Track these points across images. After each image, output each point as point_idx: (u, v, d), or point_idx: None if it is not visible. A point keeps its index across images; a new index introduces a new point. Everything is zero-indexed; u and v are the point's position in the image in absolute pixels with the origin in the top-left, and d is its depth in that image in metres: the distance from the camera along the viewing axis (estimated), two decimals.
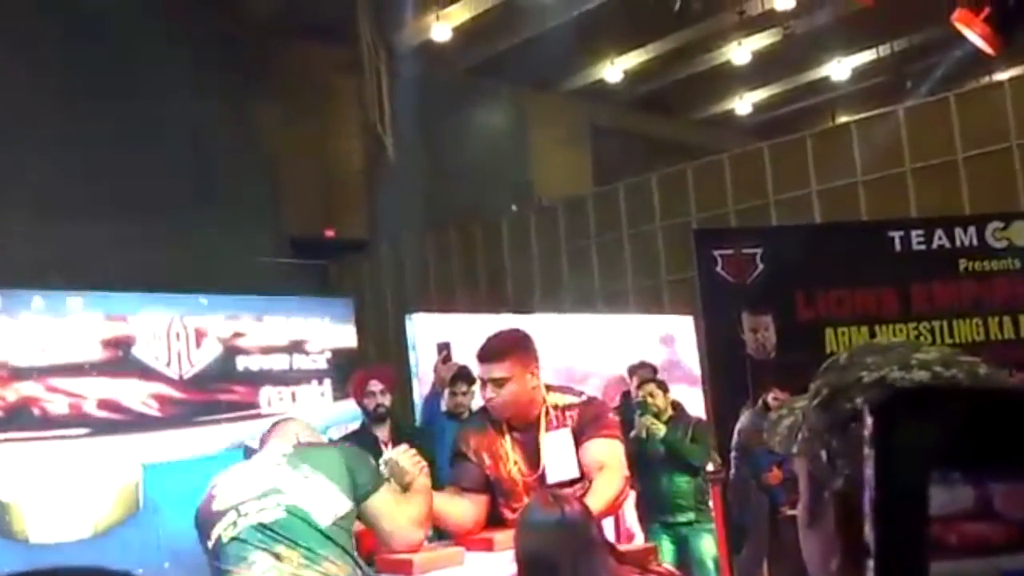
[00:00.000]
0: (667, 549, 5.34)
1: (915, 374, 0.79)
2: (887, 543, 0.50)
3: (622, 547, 2.83)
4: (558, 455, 2.98)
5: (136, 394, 5.47)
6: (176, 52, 10.86)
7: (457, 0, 12.48)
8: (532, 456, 3.03)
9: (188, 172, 11.55)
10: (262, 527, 2.62)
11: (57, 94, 10.54)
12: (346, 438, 5.01)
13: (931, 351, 0.82)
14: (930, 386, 0.74)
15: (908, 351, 0.82)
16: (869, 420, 0.51)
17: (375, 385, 4.89)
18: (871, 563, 0.50)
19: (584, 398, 3.17)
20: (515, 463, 3.04)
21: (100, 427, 5.30)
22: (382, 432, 4.80)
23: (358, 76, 11.87)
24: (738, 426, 6.22)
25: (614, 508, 3.05)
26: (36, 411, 5.12)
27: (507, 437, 3.06)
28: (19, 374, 5.10)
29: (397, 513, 2.77)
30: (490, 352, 3.04)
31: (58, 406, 5.19)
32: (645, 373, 5.97)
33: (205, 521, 2.75)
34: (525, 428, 3.06)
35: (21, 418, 5.05)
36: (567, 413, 3.05)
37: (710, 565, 5.52)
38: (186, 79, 10.91)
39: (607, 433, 3.04)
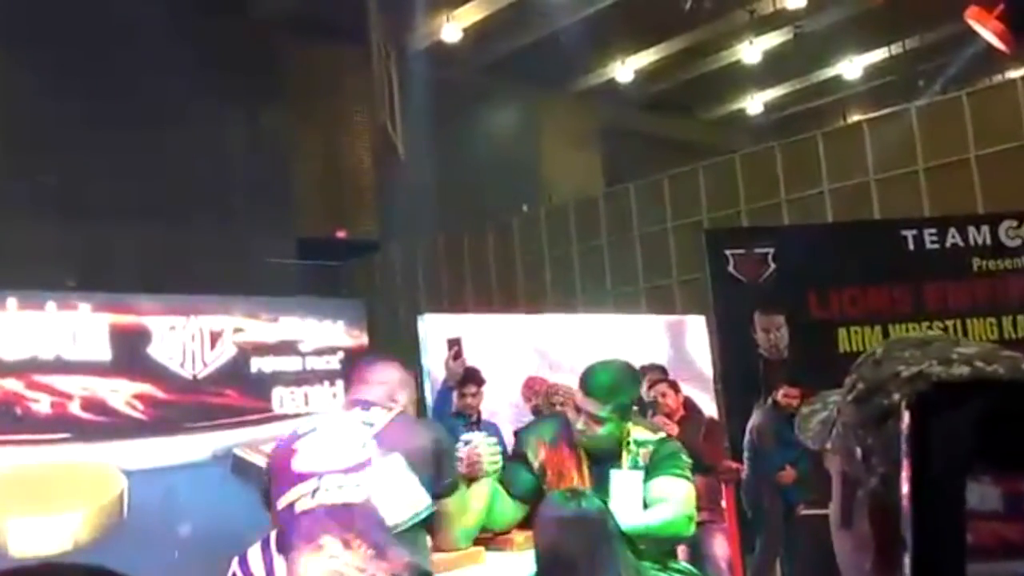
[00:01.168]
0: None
1: (956, 369, 0.76)
2: (923, 540, 0.49)
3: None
4: (627, 496, 2.90)
5: (148, 396, 5.49)
6: (187, 54, 10.90)
7: (468, 1, 12.49)
8: (599, 487, 2.94)
9: (199, 174, 11.59)
10: (340, 508, 2.43)
11: (65, 93, 10.59)
12: None
13: (972, 345, 0.79)
14: (967, 382, 0.72)
15: (948, 345, 0.79)
16: (906, 416, 0.50)
17: None
18: (907, 560, 0.49)
19: (661, 435, 3.11)
20: (576, 483, 2.95)
21: (107, 430, 5.32)
22: None
23: (369, 77, 11.89)
24: (749, 425, 6.21)
25: (663, 534, 2.92)
26: (27, 411, 5.13)
27: (584, 463, 2.99)
28: (16, 371, 5.12)
29: (459, 520, 2.60)
30: (594, 387, 2.93)
31: (62, 407, 5.20)
32: (656, 374, 5.96)
33: (281, 476, 2.53)
34: (601, 458, 2.98)
35: (8, 418, 5.07)
36: (641, 450, 2.98)
37: (723, 565, 5.50)
38: (197, 81, 10.95)
39: (677, 472, 2.97)
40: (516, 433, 5.10)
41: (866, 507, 0.76)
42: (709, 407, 6.67)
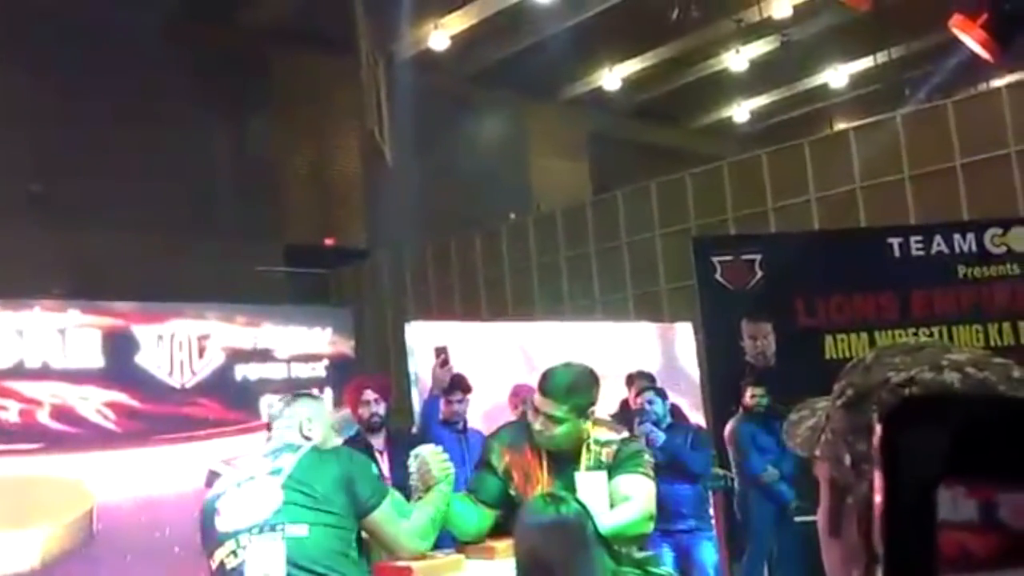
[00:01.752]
0: (668, 557, 5.34)
1: (946, 375, 0.75)
2: (895, 552, 0.49)
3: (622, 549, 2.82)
4: (592, 496, 2.92)
5: (132, 405, 5.46)
6: (175, 62, 10.89)
7: (455, 9, 12.51)
8: (566, 488, 2.97)
9: (187, 181, 11.56)
10: (264, 561, 2.59)
11: (56, 102, 10.56)
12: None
13: (963, 352, 0.78)
14: (939, 394, 0.71)
15: (939, 351, 0.78)
16: (878, 428, 0.51)
17: (369, 394, 4.85)
18: (879, 573, 0.49)
19: (624, 435, 3.17)
20: (544, 488, 3.00)
21: (100, 438, 5.29)
22: (377, 441, 4.77)
23: (357, 85, 11.89)
24: (725, 433, 6.23)
25: (627, 534, 2.96)
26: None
27: (545, 464, 3.05)
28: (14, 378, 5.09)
29: (400, 524, 2.74)
30: (552, 388, 3.00)
31: (31, 415, 5.17)
32: (643, 381, 5.97)
33: (207, 538, 2.73)
34: (564, 459, 3.04)
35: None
36: (603, 449, 3.04)
37: (711, 573, 5.51)
38: (185, 88, 10.94)
39: (640, 471, 3.03)
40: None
41: (855, 514, 0.75)
42: (696, 414, 6.69)
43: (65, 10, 10.65)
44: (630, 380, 6.14)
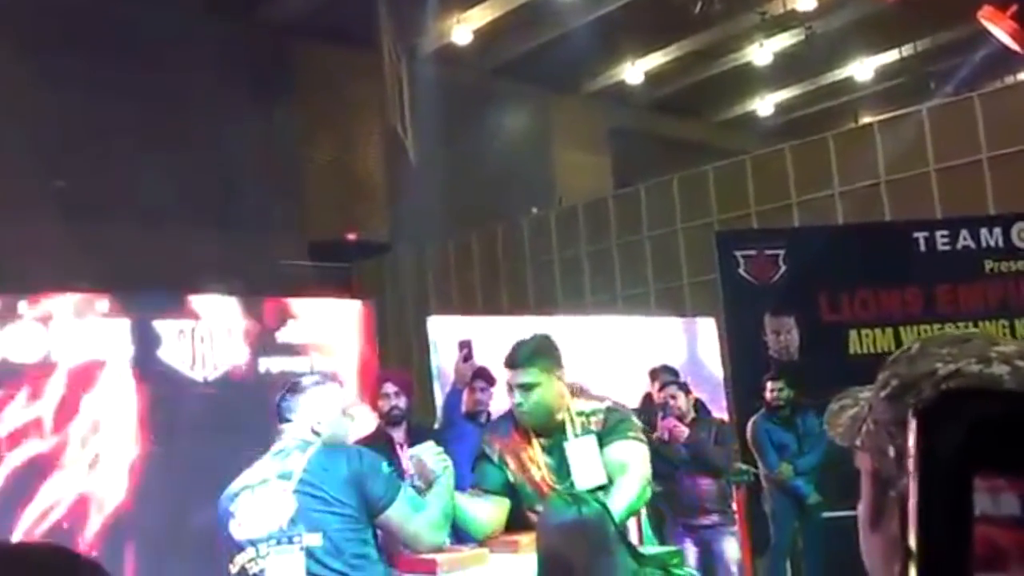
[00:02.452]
0: (691, 552, 5.32)
1: (995, 368, 0.74)
2: (930, 550, 0.48)
3: (646, 550, 2.82)
4: (585, 461, 3.00)
5: (158, 398, 5.50)
6: (198, 58, 10.94)
7: (478, 3, 12.50)
8: (558, 461, 3.06)
9: (210, 176, 11.62)
10: (284, 569, 2.60)
11: (81, 97, 10.64)
12: (362, 441, 5.01)
13: (1010, 343, 0.77)
14: (976, 389, 0.70)
15: (986, 343, 0.77)
16: (913, 424, 0.50)
17: (389, 387, 4.84)
18: (912, 571, 0.48)
19: (608, 403, 3.21)
20: (541, 468, 3.07)
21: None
22: (398, 434, 4.76)
23: (379, 80, 11.90)
24: (747, 429, 6.20)
25: (636, 508, 3.06)
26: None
27: (533, 442, 3.10)
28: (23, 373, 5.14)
29: (415, 519, 2.73)
30: (517, 358, 3.09)
31: (70, 408, 5.22)
32: (667, 376, 5.95)
33: (226, 541, 2.73)
34: (550, 434, 3.09)
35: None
36: (591, 419, 3.08)
37: (734, 569, 5.49)
38: (208, 84, 10.99)
39: (631, 436, 3.08)
40: None
41: (898, 508, 0.73)
42: (719, 409, 6.66)
43: (88, 6, 10.73)
44: (654, 375, 6.13)
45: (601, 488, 2.94)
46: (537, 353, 3.10)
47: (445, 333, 5.98)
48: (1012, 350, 0.76)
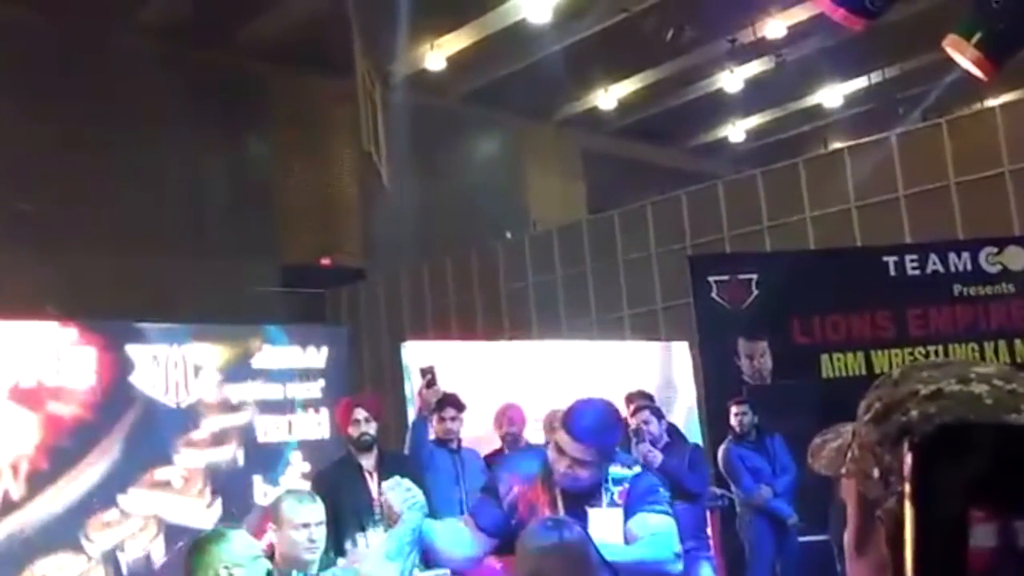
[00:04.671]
0: None
1: (974, 387, 0.76)
2: (929, 562, 0.49)
3: None
4: (605, 535, 2.79)
5: (129, 424, 5.44)
6: (173, 84, 10.93)
7: (452, 30, 12.57)
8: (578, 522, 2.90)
9: (185, 202, 11.57)
10: None
11: (56, 125, 10.57)
12: (331, 467, 4.94)
13: (990, 366, 0.79)
14: (971, 422, 0.71)
15: (966, 366, 0.80)
16: (909, 456, 0.50)
17: (360, 413, 4.77)
18: None
19: (636, 469, 3.03)
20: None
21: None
22: (367, 461, 4.70)
23: (354, 105, 11.92)
24: (719, 456, 6.21)
25: (655, 571, 2.86)
26: None
27: (558, 501, 2.90)
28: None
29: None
30: (581, 432, 2.83)
31: (43, 435, 5.15)
32: (640, 400, 5.95)
33: None
34: (578, 495, 2.89)
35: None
36: (616, 488, 2.90)
37: None
38: (183, 110, 10.97)
39: (658, 509, 2.90)
40: (488, 463, 5.07)
41: (884, 528, 0.75)
42: (693, 434, 6.67)
43: (58, 33, 10.69)
44: (629, 399, 6.13)
45: None
46: (603, 432, 2.86)
47: (419, 358, 5.96)
48: (990, 371, 0.78)
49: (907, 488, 0.51)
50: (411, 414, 5.78)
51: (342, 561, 3.71)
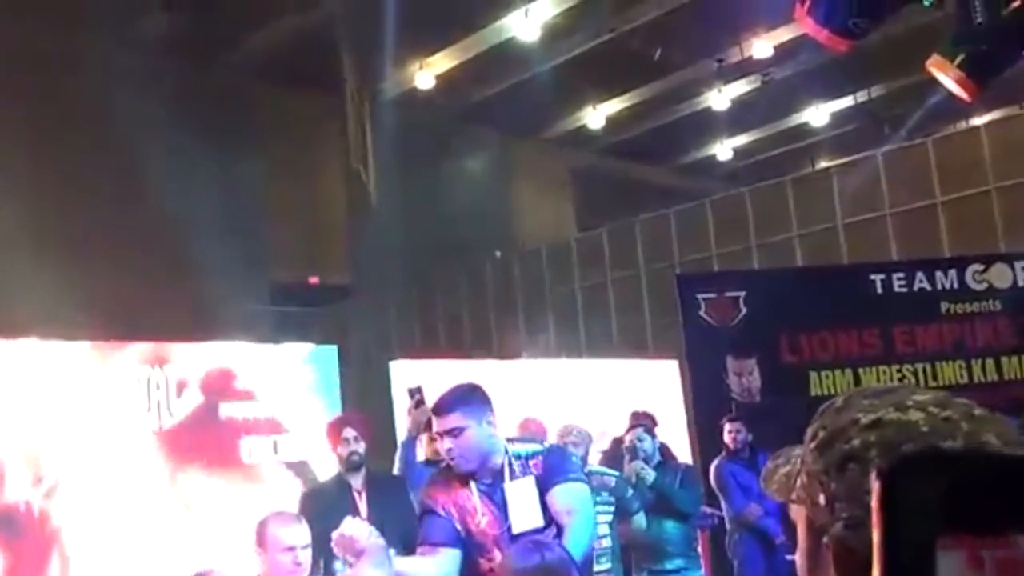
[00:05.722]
0: None
1: (911, 414, 0.79)
2: None
3: None
4: (522, 504, 2.98)
5: (117, 444, 5.40)
6: (160, 101, 10.91)
7: (440, 49, 12.61)
8: (500, 507, 3.02)
9: (171, 220, 11.53)
10: None
11: (36, 140, 10.54)
12: (319, 487, 4.90)
13: (927, 393, 0.82)
14: (937, 451, 0.73)
15: (906, 393, 0.82)
16: (876, 484, 0.51)
17: (349, 432, 4.72)
18: None
19: (546, 445, 3.22)
20: (484, 515, 3.03)
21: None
22: (356, 480, 4.65)
23: (342, 124, 11.94)
24: (710, 473, 6.20)
25: (589, 553, 3.05)
26: None
27: (473, 490, 3.06)
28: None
29: None
30: (441, 405, 3.09)
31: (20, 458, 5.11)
32: (634, 419, 5.95)
33: None
34: (490, 480, 3.06)
35: None
36: (530, 462, 3.06)
37: None
38: (169, 127, 10.94)
39: (573, 477, 3.06)
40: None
41: (831, 553, 0.77)
42: (684, 452, 6.66)
43: (46, 54, 10.68)
44: (634, 418, 6.12)
45: (541, 530, 2.92)
46: (460, 399, 3.09)
47: (406, 377, 5.94)
48: (927, 398, 0.81)
49: (874, 517, 0.51)
50: (400, 433, 5.76)
51: None
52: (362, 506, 4.51)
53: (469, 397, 3.11)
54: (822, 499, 0.79)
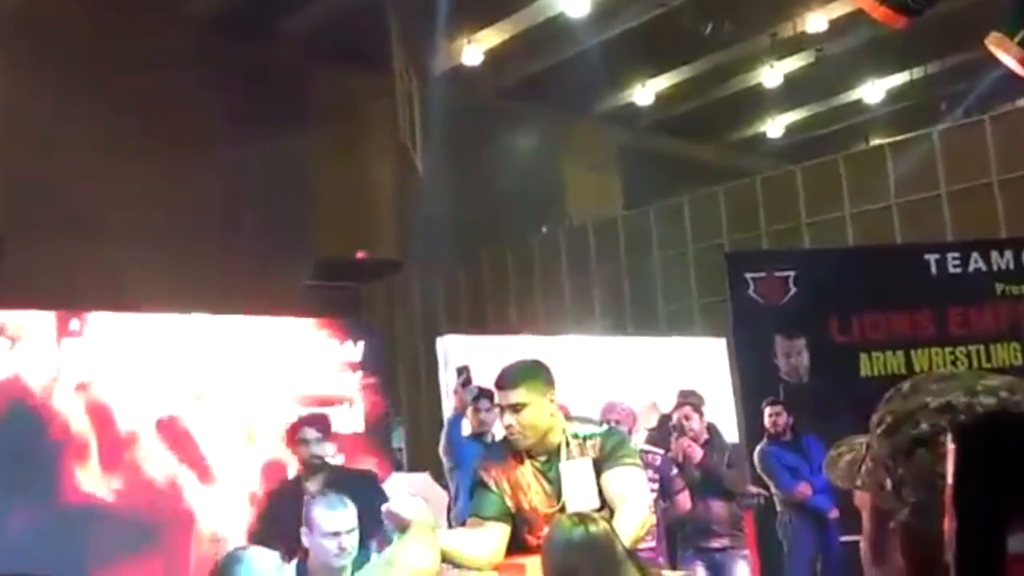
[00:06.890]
0: (701, 575, 5.30)
1: (981, 399, 0.78)
2: (966, 567, 0.49)
3: (656, 569, 2.81)
4: (578, 484, 2.98)
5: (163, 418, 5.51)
6: (210, 78, 11.03)
7: (489, 25, 12.57)
8: (553, 485, 3.04)
9: (222, 197, 11.67)
10: None
11: (88, 115, 10.69)
12: (267, 497, 4.74)
13: (996, 378, 0.81)
14: (1012, 414, 0.74)
15: (974, 378, 0.82)
16: (953, 445, 0.51)
17: (310, 433, 4.37)
18: None
19: (605, 428, 3.21)
20: (536, 492, 3.05)
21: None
22: (313, 484, 4.21)
23: (391, 100, 11.96)
24: (755, 457, 6.16)
25: (641, 537, 3.03)
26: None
27: (528, 466, 3.08)
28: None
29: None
30: (506, 379, 3.09)
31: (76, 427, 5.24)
32: (682, 397, 5.94)
33: None
34: (546, 457, 3.08)
35: None
36: (588, 443, 3.06)
37: None
38: (219, 104, 11.07)
39: (629, 462, 3.06)
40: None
41: (898, 539, 0.77)
42: (732, 432, 6.64)
43: (98, 29, 10.82)
44: (682, 395, 6.11)
45: (595, 511, 2.92)
46: (525, 374, 3.10)
47: (454, 352, 5.98)
48: (997, 383, 0.80)
49: (949, 480, 0.51)
50: (446, 408, 5.81)
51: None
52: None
53: (534, 373, 3.12)
54: (888, 484, 0.79)
